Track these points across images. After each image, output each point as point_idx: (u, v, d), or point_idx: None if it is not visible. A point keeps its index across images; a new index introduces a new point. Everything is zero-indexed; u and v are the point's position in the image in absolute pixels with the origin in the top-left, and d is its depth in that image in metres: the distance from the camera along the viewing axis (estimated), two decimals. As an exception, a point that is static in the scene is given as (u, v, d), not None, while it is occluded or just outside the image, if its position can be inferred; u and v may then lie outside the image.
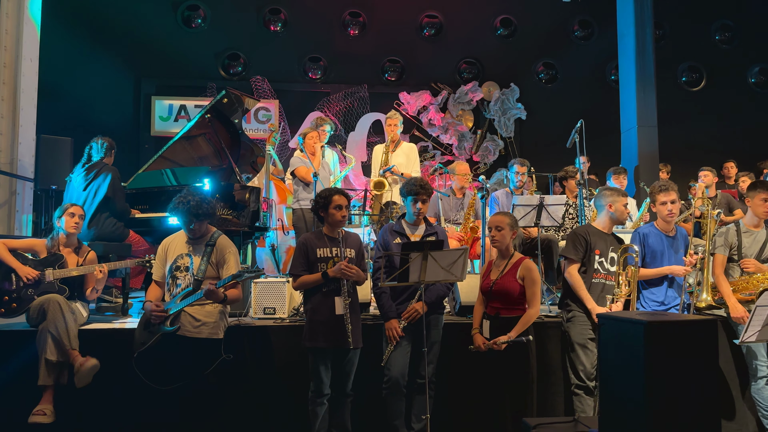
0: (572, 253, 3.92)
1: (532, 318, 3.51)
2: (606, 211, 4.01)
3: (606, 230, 4.02)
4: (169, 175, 5.33)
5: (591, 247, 3.91)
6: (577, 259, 3.91)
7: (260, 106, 9.02)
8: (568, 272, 3.92)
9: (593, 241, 3.93)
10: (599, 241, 3.94)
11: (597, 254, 3.91)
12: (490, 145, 9.55)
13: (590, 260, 3.91)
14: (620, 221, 4.05)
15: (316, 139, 5.85)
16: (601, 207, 4.05)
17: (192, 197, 3.48)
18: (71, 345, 3.56)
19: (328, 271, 3.44)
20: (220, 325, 3.56)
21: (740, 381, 4.15)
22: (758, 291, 3.90)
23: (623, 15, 7.91)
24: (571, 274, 3.90)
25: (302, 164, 5.73)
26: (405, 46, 9.69)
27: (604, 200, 4.02)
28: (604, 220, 4.04)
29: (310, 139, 5.81)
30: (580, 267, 3.92)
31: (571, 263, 3.93)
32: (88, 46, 8.56)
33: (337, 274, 3.41)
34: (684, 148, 8.98)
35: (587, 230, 4.00)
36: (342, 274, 3.41)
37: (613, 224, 4.04)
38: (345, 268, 3.39)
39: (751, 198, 4.09)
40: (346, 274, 3.41)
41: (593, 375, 3.78)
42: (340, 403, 3.54)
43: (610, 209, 3.99)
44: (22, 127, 6.41)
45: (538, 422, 2.93)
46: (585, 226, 4.13)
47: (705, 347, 2.33)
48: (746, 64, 10.04)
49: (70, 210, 4.00)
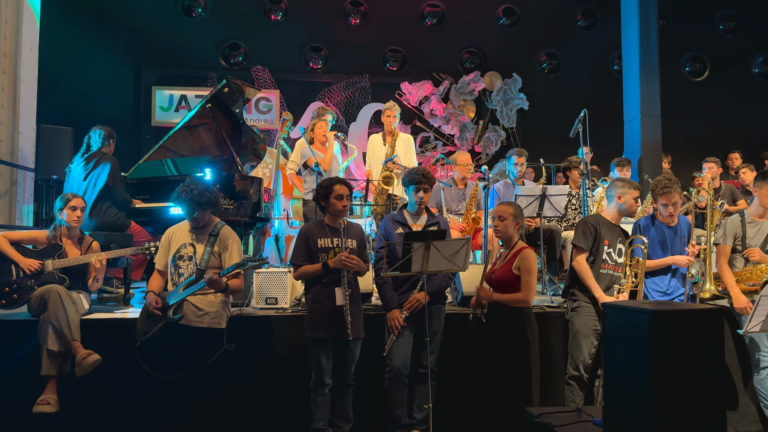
0: (582, 241, 3.86)
1: (519, 300, 3.48)
2: (615, 203, 3.96)
3: (615, 221, 3.97)
4: (170, 165, 5.31)
5: (600, 237, 3.87)
6: (586, 248, 3.87)
7: (261, 96, 8.98)
8: (576, 261, 3.87)
9: (602, 231, 3.88)
10: (608, 231, 3.90)
11: (606, 245, 3.87)
12: (492, 136, 9.52)
13: (599, 250, 3.86)
14: (629, 214, 3.98)
15: (326, 128, 5.83)
16: (611, 197, 3.99)
17: (195, 186, 3.49)
18: (72, 335, 3.55)
19: (329, 262, 3.43)
20: (223, 315, 3.56)
21: (743, 371, 4.15)
22: (762, 281, 3.89)
23: (627, 4, 7.86)
24: (579, 263, 3.86)
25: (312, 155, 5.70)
26: (406, 35, 9.63)
27: (615, 191, 3.96)
28: (613, 211, 3.98)
29: (320, 129, 5.78)
30: (588, 257, 3.89)
31: (579, 252, 3.88)
32: (88, 36, 8.51)
33: (337, 264, 3.40)
34: (687, 139, 8.96)
35: (597, 219, 3.94)
36: (342, 265, 3.40)
37: (621, 216, 3.98)
38: (345, 259, 3.38)
39: (759, 188, 4.05)
40: (347, 265, 3.40)
41: (590, 367, 3.78)
42: (341, 393, 3.55)
43: (620, 201, 3.93)
44: (23, 117, 6.38)
45: (541, 411, 2.92)
46: (595, 216, 4.06)
47: (711, 337, 2.32)
48: (750, 54, 9.99)
49: (71, 203, 3.98)
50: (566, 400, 3.79)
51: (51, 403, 3.47)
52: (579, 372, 3.78)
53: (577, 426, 2.71)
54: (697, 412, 2.25)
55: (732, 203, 6.47)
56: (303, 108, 9.11)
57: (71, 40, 8.35)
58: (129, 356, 3.46)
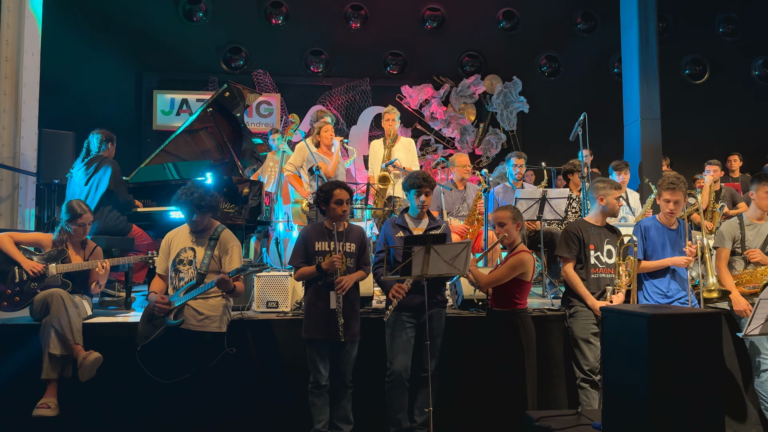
0: (565, 251, 3.91)
1: (479, 279, 3.53)
2: (597, 204, 3.99)
3: (599, 223, 3.99)
4: (171, 169, 5.32)
5: (585, 243, 3.90)
6: (571, 257, 3.90)
7: (262, 100, 9.01)
8: (564, 271, 3.92)
9: (586, 236, 3.91)
10: (592, 235, 3.92)
11: (592, 249, 3.89)
12: (493, 139, 9.53)
13: (586, 256, 3.89)
14: (612, 214, 4.00)
15: (332, 131, 5.87)
16: (593, 200, 4.02)
17: (195, 190, 3.51)
18: (75, 339, 3.56)
19: (322, 264, 3.48)
20: (224, 319, 3.57)
21: (743, 374, 4.14)
22: (762, 284, 3.89)
23: (626, 7, 7.87)
24: (567, 273, 3.90)
25: (315, 161, 5.72)
26: (407, 39, 9.66)
27: (596, 193, 3.99)
28: (597, 213, 4.01)
29: (327, 132, 5.82)
30: (576, 264, 3.91)
31: (566, 261, 3.92)
32: (89, 40, 8.54)
33: (329, 267, 3.43)
34: (687, 141, 8.96)
35: (578, 226, 3.97)
36: (332, 267, 3.43)
37: (605, 217, 4.00)
38: (336, 260, 3.41)
39: (755, 191, 4.07)
40: (336, 265, 3.42)
41: (597, 369, 3.78)
42: (340, 394, 3.56)
43: (602, 202, 3.96)
44: (25, 122, 6.41)
45: (541, 415, 2.93)
46: (576, 222, 4.09)
47: (709, 340, 2.33)
48: (750, 56, 10.00)
49: (80, 220, 3.97)
50: (582, 403, 3.79)
51: (51, 407, 3.47)
52: (588, 376, 3.78)
53: (576, 429, 2.72)
54: (696, 416, 2.26)
55: (732, 206, 6.46)
56: (304, 111, 9.12)
57: (73, 44, 8.38)
58: (130, 360, 3.47)
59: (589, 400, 3.77)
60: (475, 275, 3.56)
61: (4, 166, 6.15)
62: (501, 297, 3.56)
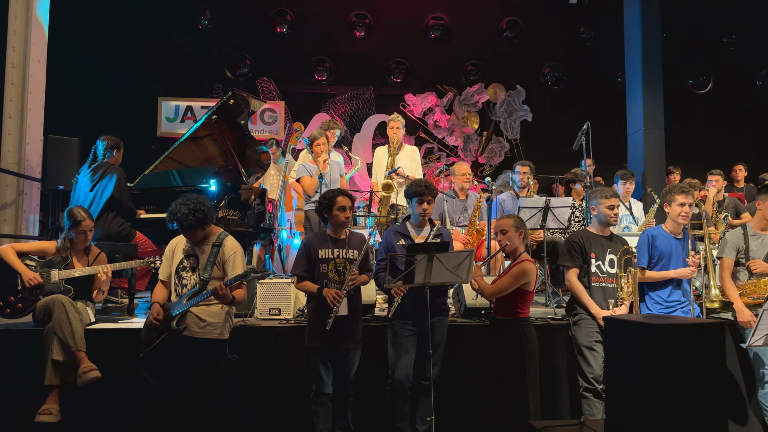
0: (568, 260, 3.95)
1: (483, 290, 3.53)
2: (593, 215, 4.05)
3: (600, 232, 4.01)
4: (175, 176, 5.34)
5: (586, 251, 3.92)
6: (574, 266, 3.93)
7: (266, 107, 9.04)
8: (568, 279, 3.95)
9: (588, 245, 3.93)
10: (594, 244, 3.94)
11: (593, 258, 3.91)
12: (496, 147, 9.55)
13: (587, 265, 3.92)
14: (606, 223, 4.01)
15: (325, 146, 5.85)
16: (589, 210, 4.08)
17: (179, 209, 3.47)
18: (77, 346, 3.56)
19: (323, 292, 3.44)
20: (226, 326, 3.57)
21: (747, 385, 4.12)
22: (765, 294, 3.88)
23: (630, 17, 7.90)
24: (570, 281, 3.93)
25: (306, 174, 5.76)
26: (411, 47, 9.70)
27: (590, 203, 4.05)
28: (595, 222, 4.06)
29: (318, 146, 5.81)
30: (579, 272, 3.93)
31: (569, 269, 3.94)
32: (95, 47, 8.60)
33: (327, 297, 3.41)
34: (691, 151, 8.94)
35: (581, 235, 4.01)
36: (331, 301, 3.38)
37: (603, 226, 4.03)
38: (337, 297, 3.38)
39: (762, 201, 4.06)
40: (334, 303, 3.38)
41: (601, 377, 3.76)
42: (342, 403, 3.55)
43: (593, 212, 4.03)
44: (30, 128, 6.44)
45: (544, 425, 2.92)
46: (579, 232, 4.13)
47: (713, 351, 2.32)
48: (754, 66, 10.00)
49: (81, 227, 3.99)
50: (585, 413, 3.78)
51: (53, 413, 3.47)
52: (591, 384, 3.77)
53: (579, 440, 2.71)
54: (699, 426, 2.25)
55: (736, 216, 6.45)
56: (308, 119, 9.17)
57: (78, 51, 8.44)
58: (132, 367, 3.46)
59: (591, 410, 3.76)
60: (480, 286, 3.55)
61: (9, 172, 6.18)
62: (504, 306, 3.56)
